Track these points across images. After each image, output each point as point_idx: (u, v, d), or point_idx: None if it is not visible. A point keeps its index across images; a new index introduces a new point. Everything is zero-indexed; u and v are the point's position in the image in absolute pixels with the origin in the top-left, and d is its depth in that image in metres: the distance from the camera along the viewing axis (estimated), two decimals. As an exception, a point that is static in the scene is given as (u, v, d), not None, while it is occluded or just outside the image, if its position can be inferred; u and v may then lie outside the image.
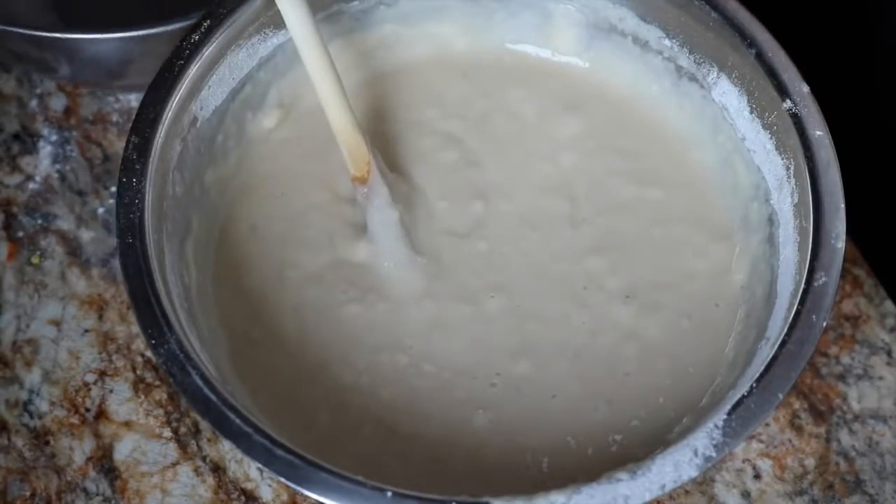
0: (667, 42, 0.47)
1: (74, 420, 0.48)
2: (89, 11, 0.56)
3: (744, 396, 0.36)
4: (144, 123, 0.41)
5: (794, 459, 0.47)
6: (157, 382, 0.49)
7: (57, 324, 0.51)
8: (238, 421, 0.36)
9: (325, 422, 0.42)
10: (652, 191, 0.47)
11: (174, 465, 0.47)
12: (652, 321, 0.44)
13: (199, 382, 0.36)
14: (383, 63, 0.50)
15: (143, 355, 0.50)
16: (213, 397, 0.36)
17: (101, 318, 0.51)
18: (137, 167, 0.40)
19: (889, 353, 0.50)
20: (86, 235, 0.53)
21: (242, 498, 0.47)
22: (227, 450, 0.48)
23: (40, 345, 0.50)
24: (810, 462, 0.47)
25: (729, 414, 0.36)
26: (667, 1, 0.46)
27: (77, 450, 0.48)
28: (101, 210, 0.54)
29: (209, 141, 0.45)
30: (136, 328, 0.50)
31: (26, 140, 0.56)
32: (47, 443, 0.48)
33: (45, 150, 0.55)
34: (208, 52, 0.43)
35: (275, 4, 0.42)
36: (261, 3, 0.44)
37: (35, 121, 0.56)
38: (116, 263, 0.52)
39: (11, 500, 0.46)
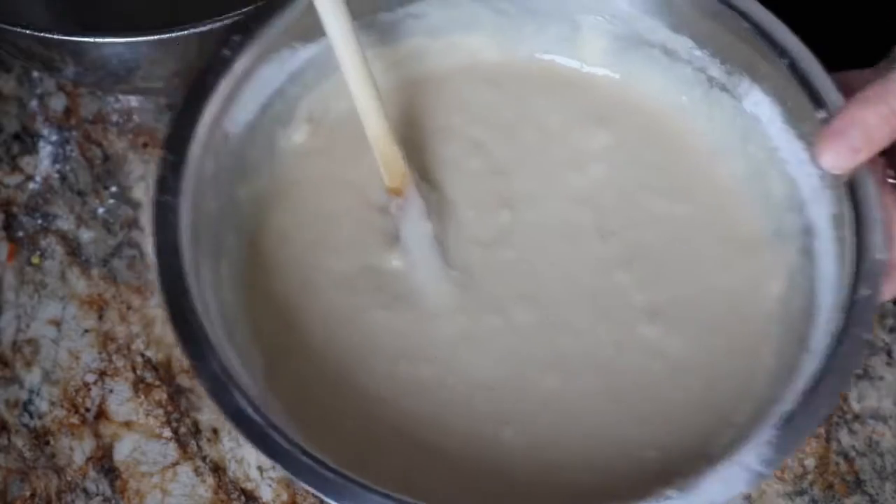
0: (697, 52, 0.47)
1: (74, 420, 0.48)
2: (99, 14, 0.56)
3: (792, 411, 0.36)
4: (177, 140, 0.41)
5: (793, 459, 0.47)
6: (157, 382, 0.49)
7: (57, 324, 0.51)
8: (283, 443, 0.35)
9: (353, 433, 0.41)
10: (681, 204, 0.47)
11: (174, 465, 0.47)
12: (679, 337, 0.43)
13: (244, 404, 0.36)
14: (411, 72, 0.50)
15: (142, 355, 0.50)
16: (257, 418, 0.36)
17: (101, 318, 0.51)
18: (172, 185, 0.40)
19: (889, 353, 0.50)
20: (86, 235, 0.53)
21: (242, 498, 0.47)
22: (226, 450, 0.48)
23: (40, 345, 0.50)
24: (810, 462, 0.47)
25: (778, 429, 0.36)
26: (698, 11, 0.45)
27: (77, 450, 0.48)
28: (101, 210, 0.54)
29: (240, 156, 0.44)
30: (136, 328, 0.50)
31: (26, 140, 0.56)
32: (47, 443, 0.48)
33: (45, 150, 0.55)
34: (239, 67, 0.43)
35: (308, 16, 0.42)
36: (291, 16, 0.44)
37: (35, 121, 0.56)
38: (116, 263, 0.52)
39: (11, 500, 0.46)
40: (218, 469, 0.47)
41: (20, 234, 0.53)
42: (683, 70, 0.47)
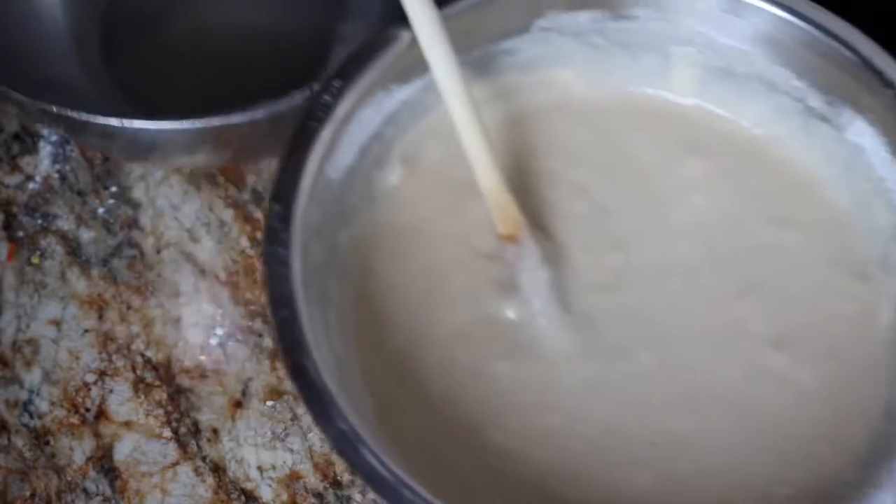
0: (797, 83, 0.46)
1: (74, 420, 0.48)
2: (157, 99, 0.55)
3: None
4: (285, 190, 0.40)
5: None
6: (157, 382, 0.49)
7: (57, 324, 0.51)
8: (420, 501, 0.35)
9: (483, 488, 0.40)
10: (788, 232, 0.46)
11: (174, 465, 0.47)
12: (805, 367, 0.43)
13: (374, 462, 0.35)
14: (502, 110, 0.49)
15: (142, 355, 0.50)
16: (388, 476, 0.35)
17: (101, 318, 0.51)
18: (283, 236, 0.39)
19: (889, 353, 0.50)
20: (86, 235, 0.53)
21: (242, 498, 0.47)
22: (226, 450, 0.48)
23: (40, 345, 0.50)
24: None
25: None
26: (799, 43, 0.44)
27: (77, 450, 0.48)
28: (101, 210, 0.54)
29: (341, 202, 0.44)
30: (136, 328, 0.50)
31: (26, 140, 0.56)
32: (47, 443, 0.48)
33: (45, 150, 0.55)
34: (339, 111, 0.42)
35: (403, 58, 0.42)
36: (388, 59, 0.44)
37: (35, 121, 0.56)
38: (116, 263, 0.52)
39: (11, 500, 0.46)
40: (218, 469, 0.47)
41: (20, 234, 0.53)
42: (781, 100, 0.47)
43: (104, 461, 0.47)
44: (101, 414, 0.48)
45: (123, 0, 0.58)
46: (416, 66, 0.44)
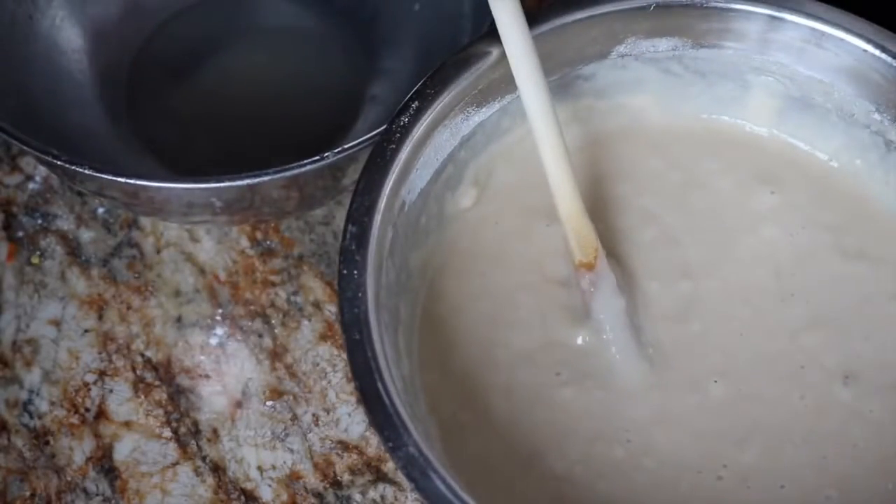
0: (876, 116, 0.45)
1: (74, 420, 0.48)
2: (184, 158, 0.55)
3: None
4: (361, 211, 0.40)
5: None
6: (157, 382, 0.49)
7: (57, 324, 0.51)
8: None
9: None
10: (860, 265, 0.45)
11: (174, 465, 0.47)
12: (876, 400, 0.42)
13: (443, 489, 0.35)
14: (574, 136, 0.49)
15: (142, 355, 0.50)
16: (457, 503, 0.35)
17: (101, 318, 0.51)
18: (357, 258, 0.39)
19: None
20: (86, 235, 0.53)
21: (242, 498, 0.47)
22: (226, 450, 0.48)
23: (40, 345, 0.50)
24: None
25: None
26: (883, 77, 0.44)
27: (77, 450, 0.48)
28: (100, 210, 0.54)
29: (414, 224, 0.44)
30: (135, 328, 0.50)
31: (26, 140, 0.56)
32: (47, 443, 0.48)
33: (45, 150, 0.55)
34: (417, 134, 0.42)
35: (481, 81, 0.42)
36: (466, 82, 0.43)
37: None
38: (116, 263, 0.52)
39: (11, 500, 0.46)
40: (218, 469, 0.47)
41: (20, 233, 0.53)
42: (859, 133, 0.46)
43: (104, 461, 0.47)
44: (101, 414, 0.48)
45: (152, 48, 0.57)
46: (496, 88, 0.44)
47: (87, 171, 0.44)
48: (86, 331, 0.50)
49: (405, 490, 0.47)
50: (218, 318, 0.51)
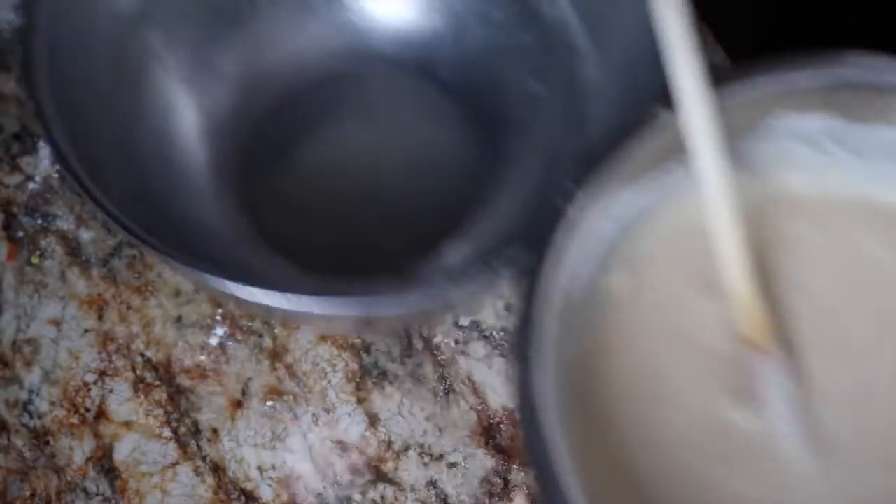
0: None
1: (74, 420, 0.48)
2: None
3: None
4: (533, 304, 0.40)
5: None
6: (157, 382, 0.49)
7: (57, 324, 0.51)
8: None
9: None
10: None
11: (174, 465, 0.47)
12: None
13: None
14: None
15: (142, 355, 0.50)
16: None
17: (101, 318, 0.51)
18: (534, 356, 0.39)
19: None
20: (86, 235, 0.53)
21: (242, 498, 0.47)
22: (226, 450, 0.48)
23: (40, 345, 0.50)
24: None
25: None
26: None
27: (77, 450, 0.48)
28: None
29: (573, 311, 0.43)
30: (136, 328, 0.50)
31: (26, 140, 0.56)
32: (47, 443, 0.48)
33: (45, 150, 0.55)
34: (583, 225, 0.42)
35: (633, 161, 0.41)
36: (625, 166, 0.42)
37: (35, 121, 0.56)
38: (116, 263, 0.52)
39: (11, 500, 0.46)
40: (218, 469, 0.47)
41: (20, 234, 0.53)
42: None
43: (104, 461, 0.47)
44: (101, 414, 0.48)
45: (264, 135, 0.54)
46: (650, 165, 0.43)
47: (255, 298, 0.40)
48: (86, 331, 0.50)
49: (405, 490, 0.47)
50: (218, 318, 0.51)
